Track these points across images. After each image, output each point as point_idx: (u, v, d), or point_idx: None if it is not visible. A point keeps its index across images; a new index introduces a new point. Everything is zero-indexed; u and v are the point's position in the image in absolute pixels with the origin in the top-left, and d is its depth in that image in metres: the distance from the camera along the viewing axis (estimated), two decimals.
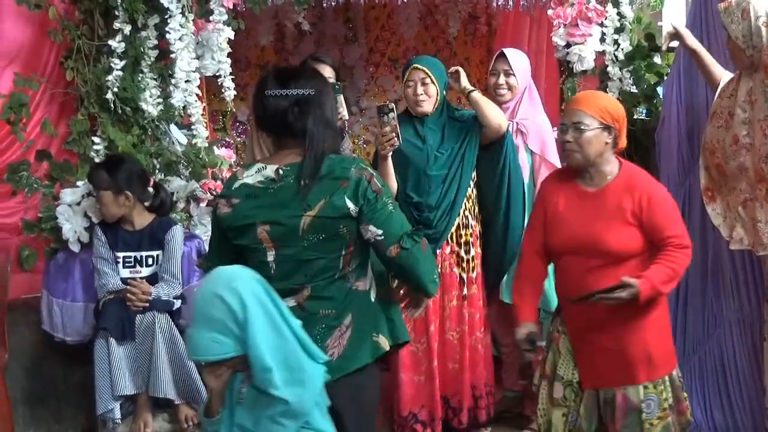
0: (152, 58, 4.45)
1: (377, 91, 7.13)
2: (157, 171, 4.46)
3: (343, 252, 2.94)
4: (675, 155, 4.49)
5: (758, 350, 4.10)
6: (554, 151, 4.67)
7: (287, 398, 2.60)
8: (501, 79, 4.74)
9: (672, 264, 3.33)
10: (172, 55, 4.44)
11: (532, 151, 4.68)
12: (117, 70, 4.34)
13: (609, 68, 4.90)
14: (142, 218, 4.27)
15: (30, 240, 4.53)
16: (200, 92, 4.62)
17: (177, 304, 4.24)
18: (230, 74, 4.59)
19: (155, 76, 4.45)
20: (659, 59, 4.95)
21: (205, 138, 4.57)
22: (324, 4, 4.74)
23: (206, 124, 4.70)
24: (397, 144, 4.22)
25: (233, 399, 2.78)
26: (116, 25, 4.36)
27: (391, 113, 4.17)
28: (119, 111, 4.38)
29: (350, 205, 2.87)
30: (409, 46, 7.04)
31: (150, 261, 4.25)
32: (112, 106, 4.36)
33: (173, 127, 4.49)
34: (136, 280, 4.18)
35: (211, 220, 3.13)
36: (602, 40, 4.91)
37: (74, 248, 4.40)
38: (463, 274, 4.62)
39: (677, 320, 4.48)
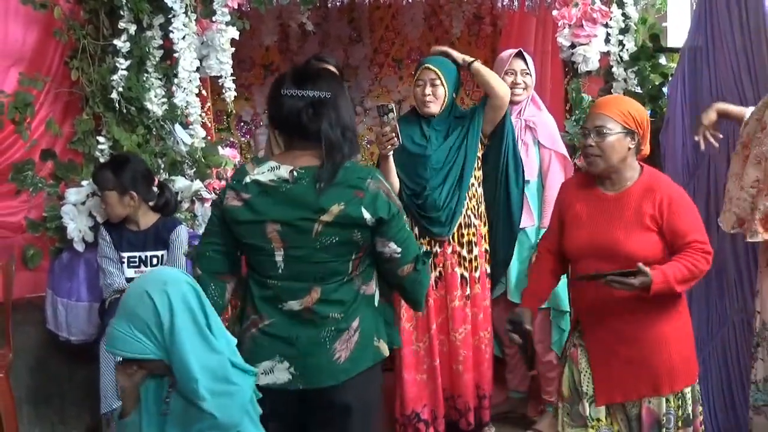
0: (157, 58, 4.44)
1: (381, 91, 7.12)
2: (161, 171, 4.46)
3: (353, 256, 2.95)
4: (679, 156, 4.49)
5: None
6: (562, 144, 4.70)
7: (214, 412, 2.56)
8: (519, 78, 4.78)
9: (691, 264, 3.28)
10: (175, 55, 4.44)
11: (540, 147, 4.69)
12: (122, 69, 4.34)
13: (614, 69, 4.89)
14: (147, 218, 4.27)
15: (35, 239, 4.53)
16: (204, 92, 4.62)
17: None
18: (231, 75, 4.59)
19: (160, 76, 4.45)
20: (664, 60, 4.95)
21: (203, 138, 4.57)
22: (328, 5, 4.73)
23: (210, 124, 4.70)
24: (396, 144, 4.22)
25: (149, 406, 2.72)
26: (121, 24, 4.36)
27: (390, 113, 4.18)
28: (124, 111, 4.38)
29: (367, 215, 2.87)
30: (413, 47, 7.04)
31: (155, 261, 4.24)
32: (117, 105, 4.36)
33: (178, 127, 4.49)
34: None
35: (212, 209, 3.11)
36: (607, 41, 4.91)
37: (79, 248, 4.40)
38: (466, 273, 4.61)
39: None
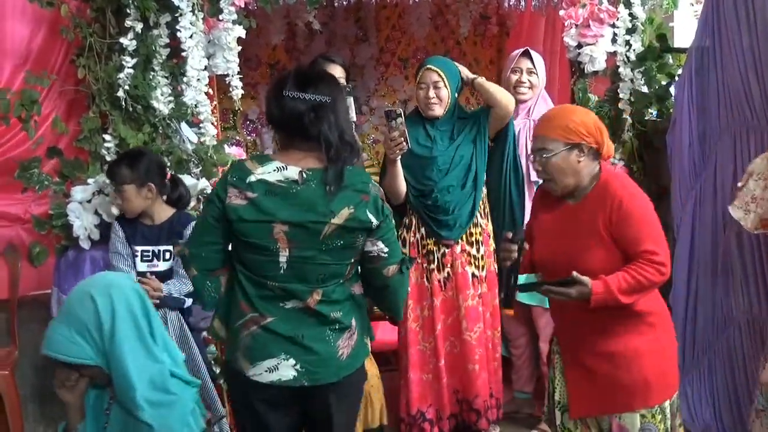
0: (164, 57, 4.45)
1: (387, 90, 7.12)
2: (168, 169, 4.46)
3: (351, 260, 3.06)
4: (686, 157, 4.48)
5: None
6: None
7: (152, 423, 2.54)
8: (524, 77, 4.80)
9: (637, 275, 3.15)
10: (183, 53, 4.44)
11: None
12: (128, 68, 4.34)
13: (620, 69, 4.89)
14: (162, 212, 4.27)
15: (40, 237, 4.54)
16: (211, 90, 4.62)
17: (188, 302, 4.24)
18: (238, 73, 4.60)
19: (166, 75, 4.45)
20: (671, 60, 4.95)
21: (213, 136, 4.58)
22: (335, 4, 4.73)
23: (217, 123, 4.71)
24: (405, 148, 4.26)
25: (90, 419, 2.70)
26: (128, 23, 4.35)
27: (399, 118, 4.22)
28: (130, 109, 4.38)
29: (372, 219, 2.98)
30: (420, 46, 7.04)
31: (168, 255, 4.24)
32: (124, 104, 4.36)
33: (184, 126, 4.49)
34: (150, 275, 4.18)
35: (204, 206, 3.10)
36: (614, 41, 4.90)
37: (84, 245, 4.41)
38: (477, 272, 4.62)
39: (687, 321, 4.48)
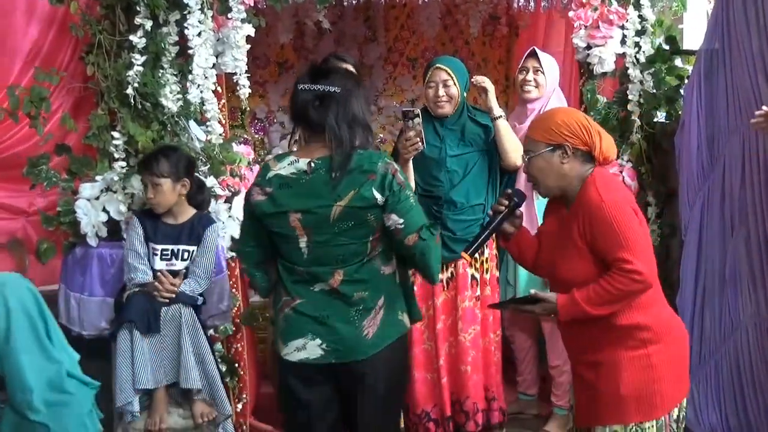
0: (172, 54, 4.45)
1: (395, 90, 7.12)
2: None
3: (370, 237, 3.20)
4: (694, 159, 4.47)
5: None
6: None
7: (48, 423, 2.50)
8: (529, 76, 4.79)
9: (607, 285, 3.11)
10: (190, 51, 4.44)
11: None
12: (137, 65, 4.34)
13: (630, 71, 4.88)
14: (185, 212, 4.27)
15: (48, 233, 4.54)
16: (219, 89, 4.62)
17: (200, 300, 4.26)
18: (246, 72, 4.60)
19: (175, 72, 4.45)
20: (680, 62, 4.94)
21: (220, 134, 4.58)
22: (344, 3, 4.73)
23: (225, 121, 4.71)
24: (420, 148, 4.28)
25: None
26: (137, 20, 4.36)
27: (416, 118, 4.24)
28: (139, 106, 4.38)
29: (377, 195, 3.13)
30: (428, 46, 7.03)
31: (186, 255, 4.24)
32: (132, 101, 4.36)
33: (192, 124, 4.49)
34: (171, 273, 4.18)
35: (244, 207, 3.36)
36: (623, 43, 4.89)
37: (92, 243, 4.41)
38: (477, 274, 4.63)
39: (694, 324, 4.47)
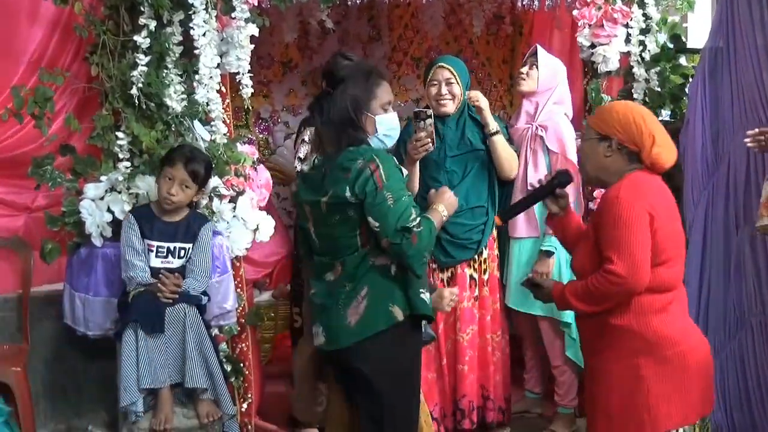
0: (177, 54, 4.45)
1: (400, 90, 7.11)
2: None
3: (357, 232, 3.31)
4: (699, 157, 4.47)
5: None
6: (574, 150, 4.66)
7: None
8: (524, 69, 4.78)
9: (590, 283, 3.18)
10: (196, 51, 4.44)
11: (549, 152, 4.66)
12: (142, 65, 4.34)
13: (634, 69, 4.87)
14: (181, 211, 4.28)
15: (52, 234, 4.55)
16: (224, 88, 4.62)
17: (204, 299, 4.26)
18: (249, 72, 4.59)
19: (179, 72, 4.46)
20: (685, 60, 4.93)
21: (224, 134, 4.58)
22: (348, 2, 4.73)
23: (229, 121, 4.70)
24: (431, 149, 4.28)
25: None
26: (141, 20, 4.35)
27: (428, 119, 4.25)
28: (143, 106, 4.38)
29: (348, 194, 3.24)
30: (432, 45, 7.03)
31: (182, 253, 4.25)
32: (137, 101, 4.36)
33: (197, 124, 4.49)
34: (168, 271, 4.19)
35: None
36: (627, 41, 4.89)
37: (97, 243, 4.41)
38: (475, 274, 4.64)
39: (698, 322, 4.45)
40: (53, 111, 4.52)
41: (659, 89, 4.82)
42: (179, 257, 4.26)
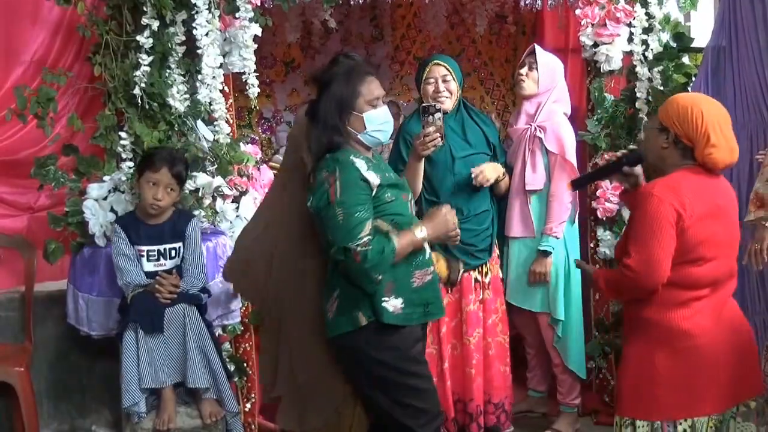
0: (179, 54, 4.46)
1: (402, 89, 7.13)
2: None
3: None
4: None
5: None
6: (572, 151, 4.64)
7: None
8: (523, 71, 4.75)
9: (616, 274, 3.30)
10: (199, 51, 4.45)
11: (548, 153, 4.64)
12: (144, 65, 4.35)
13: (637, 68, 4.87)
14: (165, 211, 4.28)
15: (56, 234, 4.56)
16: (227, 88, 4.63)
17: (204, 298, 4.26)
18: (255, 71, 4.60)
19: (182, 72, 4.46)
20: (687, 59, 4.92)
21: (227, 134, 4.58)
22: (351, 2, 4.73)
23: (232, 121, 4.71)
24: (440, 144, 4.08)
25: None
26: (144, 20, 4.36)
27: (437, 113, 4.04)
28: (146, 106, 4.39)
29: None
30: (435, 45, 7.03)
31: (173, 253, 4.25)
32: (140, 101, 4.37)
33: (200, 124, 4.49)
34: (166, 272, 4.19)
35: None
36: (630, 40, 4.88)
37: (100, 243, 4.41)
38: (479, 277, 4.62)
39: None
40: (56, 111, 4.53)
41: (662, 88, 4.81)
42: (170, 258, 4.26)
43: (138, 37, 4.37)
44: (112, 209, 4.39)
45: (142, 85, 4.34)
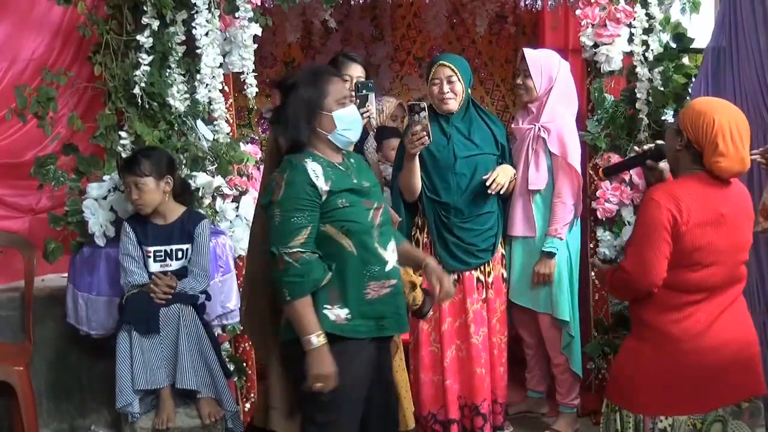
0: (180, 54, 4.46)
1: (402, 89, 7.13)
2: (183, 166, 4.47)
3: None
4: None
5: None
6: (576, 155, 4.64)
7: None
8: (519, 80, 4.76)
9: (615, 271, 3.35)
10: (198, 51, 4.45)
11: (552, 154, 4.64)
12: (144, 65, 4.36)
13: (637, 69, 4.87)
14: (174, 211, 4.28)
15: (55, 233, 4.56)
16: (227, 88, 4.63)
17: (201, 298, 4.26)
18: (253, 71, 4.60)
19: (182, 72, 4.47)
20: (687, 60, 4.92)
21: (227, 134, 4.59)
22: (351, 2, 4.74)
23: (232, 120, 4.71)
24: (427, 142, 4.21)
25: None
26: (144, 20, 4.37)
27: (422, 112, 4.16)
28: (146, 106, 4.39)
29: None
30: (435, 45, 7.03)
31: (180, 255, 4.26)
32: (140, 101, 4.37)
33: (200, 123, 4.50)
34: (166, 274, 4.20)
35: None
36: (630, 41, 4.88)
37: (100, 242, 4.42)
38: (482, 277, 4.62)
39: None
40: (56, 111, 4.53)
41: (662, 89, 4.81)
42: (177, 259, 4.27)
43: (138, 37, 4.37)
44: (111, 209, 4.40)
45: (142, 84, 4.35)
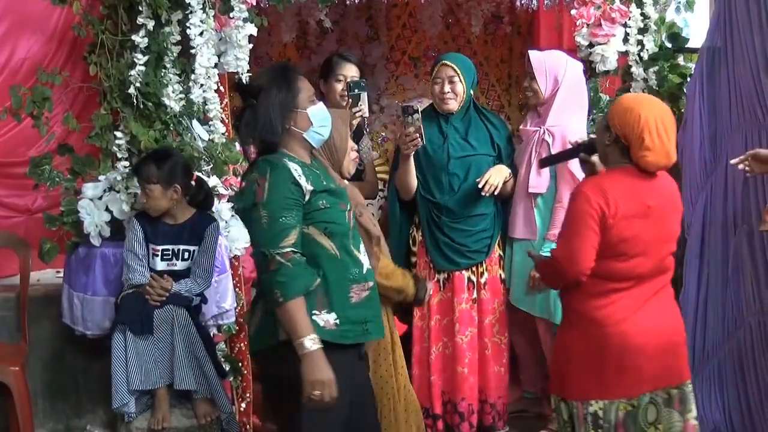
0: (175, 54, 4.45)
1: (398, 89, 7.10)
2: (193, 170, 4.46)
3: None
4: (697, 157, 4.47)
5: None
6: (577, 161, 4.63)
7: None
8: (526, 82, 4.75)
9: (547, 261, 3.57)
10: (193, 51, 4.44)
11: None
12: (140, 65, 4.35)
13: (632, 69, 4.88)
14: (185, 213, 4.28)
15: (51, 233, 4.55)
16: (222, 88, 4.63)
17: (196, 300, 4.25)
18: (248, 71, 4.60)
19: (178, 72, 4.46)
20: (682, 60, 4.93)
21: (222, 134, 4.58)
22: (347, 2, 4.75)
23: (228, 121, 4.71)
24: (420, 144, 4.27)
25: None
26: (140, 20, 4.36)
27: (415, 114, 4.23)
28: (141, 106, 4.39)
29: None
30: (430, 45, 7.02)
31: (186, 255, 4.26)
32: (135, 101, 4.36)
33: (195, 123, 4.49)
34: (173, 274, 4.21)
35: None
36: (625, 41, 4.89)
37: (95, 242, 4.41)
38: (473, 277, 4.62)
39: (697, 322, 4.46)
40: (51, 110, 4.53)
41: (657, 89, 4.82)
42: (183, 259, 4.26)
43: (133, 37, 4.36)
44: (107, 209, 4.39)
45: (138, 84, 4.34)
